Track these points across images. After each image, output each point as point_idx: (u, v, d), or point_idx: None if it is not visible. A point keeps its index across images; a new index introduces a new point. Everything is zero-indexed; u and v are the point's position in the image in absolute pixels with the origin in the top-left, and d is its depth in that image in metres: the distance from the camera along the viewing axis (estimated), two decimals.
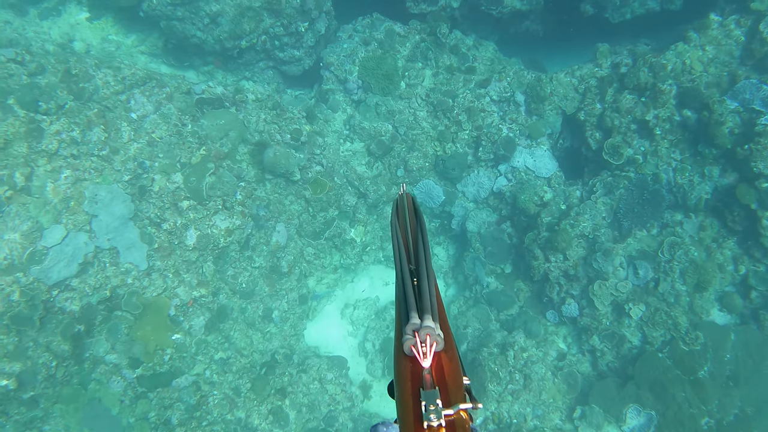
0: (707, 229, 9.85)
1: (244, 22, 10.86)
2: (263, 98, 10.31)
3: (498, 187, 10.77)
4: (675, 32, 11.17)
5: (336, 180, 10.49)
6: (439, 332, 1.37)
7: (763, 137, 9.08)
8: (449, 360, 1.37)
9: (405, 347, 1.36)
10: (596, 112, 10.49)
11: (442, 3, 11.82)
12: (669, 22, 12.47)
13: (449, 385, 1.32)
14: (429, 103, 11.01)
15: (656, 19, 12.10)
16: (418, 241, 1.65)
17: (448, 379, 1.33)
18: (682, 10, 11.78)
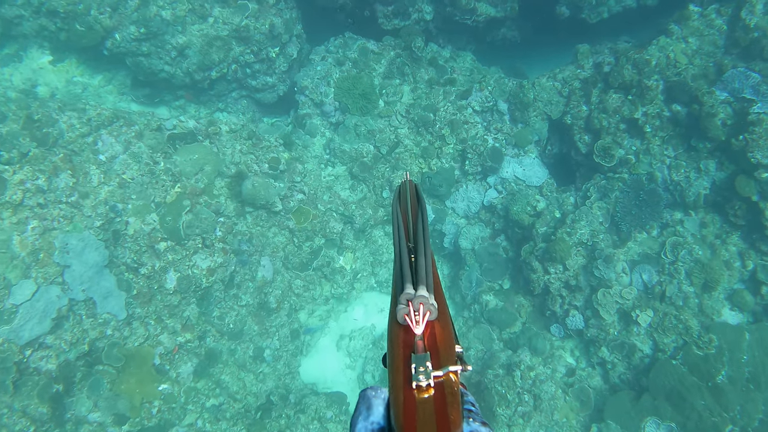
0: (709, 225, 9.54)
1: (213, 52, 10.60)
2: (237, 129, 9.98)
3: (489, 201, 10.45)
4: (654, 27, 11.00)
5: (320, 207, 10.15)
6: (433, 302, 1.41)
7: (757, 126, 8.81)
8: (442, 328, 1.41)
9: (399, 316, 1.40)
10: (583, 114, 10.22)
11: (415, 17, 11.61)
12: (647, 17, 12.34)
13: (440, 350, 1.34)
14: (410, 119, 10.72)
15: (634, 16, 11.97)
16: (418, 222, 1.71)
17: (440, 345, 1.36)
18: (659, 4, 11.66)
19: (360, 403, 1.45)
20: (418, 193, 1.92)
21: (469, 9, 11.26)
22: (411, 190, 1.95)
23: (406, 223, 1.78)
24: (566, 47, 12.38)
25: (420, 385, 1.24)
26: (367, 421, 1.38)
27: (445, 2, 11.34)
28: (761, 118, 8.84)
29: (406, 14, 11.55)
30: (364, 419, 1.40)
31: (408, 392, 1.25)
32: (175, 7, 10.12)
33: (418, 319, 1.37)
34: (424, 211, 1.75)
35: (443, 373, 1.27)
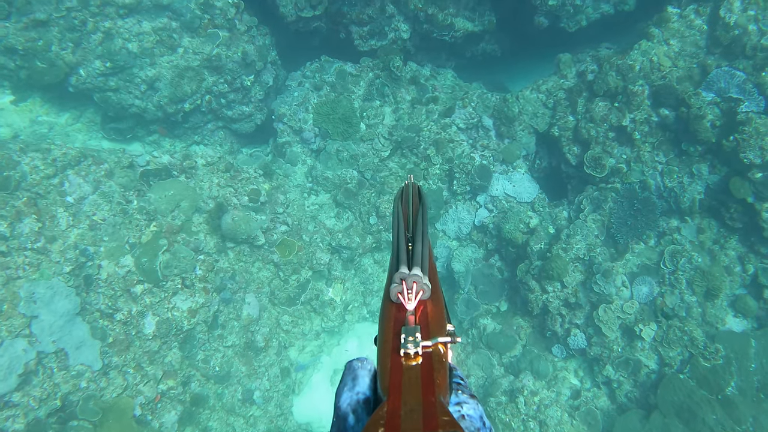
0: (706, 231, 9.27)
1: (184, 83, 10.27)
2: (214, 161, 9.62)
3: (480, 220, 10.12)
4: (634, 32, 10.84)
5: (305, 238, 9.76)
6: (426, 282, 1.46)
7: (747, 125, 8.59)
8: (434, 306, 1.46)
9: (392, 294, 1.45)
10: (570, 125, 9.96)
11: (391, 36, 11.38)
12: (626, 22, 12.22)
13: (431, 324, 1.38)
14: (393, 141, 10.41)
15: (613, 22, 11.84)
16: (418, 215, 1.77)
17: (431, 321, 1.40)
18: (636, 9, 11.54)
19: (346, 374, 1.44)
20: (420, 193, 1.97)
21: (447, 25, 11.05)
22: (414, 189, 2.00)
23: (407, 216, 1.82)
24: (547, 58, 12.19)
25: (408, 353, 1.26)
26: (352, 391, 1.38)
27: (421, 20, 11.12)
28: (750, 117, 8.63)
29: (382, 34, 11.32)
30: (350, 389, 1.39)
31: (395, 358, 1.28)
32: (142, 39, 9.80)
33: (411, 297, 1.42)
34: (425, 207, 1.81)
35: (432, 343, 1.30)
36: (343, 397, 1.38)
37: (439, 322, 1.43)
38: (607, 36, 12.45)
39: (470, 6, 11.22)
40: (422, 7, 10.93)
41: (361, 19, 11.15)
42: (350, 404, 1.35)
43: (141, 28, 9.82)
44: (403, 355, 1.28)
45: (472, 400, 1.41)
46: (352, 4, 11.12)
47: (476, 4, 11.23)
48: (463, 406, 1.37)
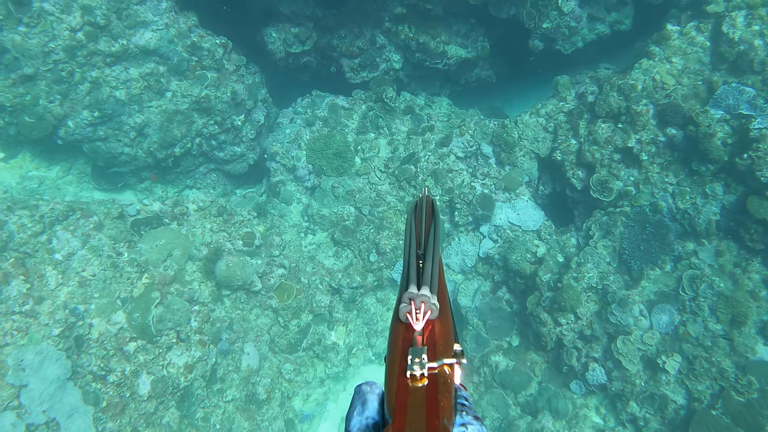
0: (725, 253, 8.84)
1: (174, 127, 10.02)
2: (206, 206, 9.31)
3: (485, 252, 9.74)
4: (632, 51, 10.60)
5: (303, 280, 9.39)
6: (434, 302, 1.50)
7: (761, 142, 8.24)
8: (441, 325, 1.51)
9: (401, 314, 1.50)
10: (572, 148, 9.63)
11: (383, 67, 11.14)
12: (622, 42, 11.99)
13: (438, 345, 1.42)
14: (390, 174, 10.09)
15: (609, 43, 11.62)
16: (430, 232, 1.80)
17: (438, 341, 1.44)
18: (633, 29, 11.31)
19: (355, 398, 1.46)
20: (434, 207, 1.99)
21: (439, 53, 10.80)
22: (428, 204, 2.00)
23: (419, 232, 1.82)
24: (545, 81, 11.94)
25: (414, 375, 1.29)
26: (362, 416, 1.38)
27: (413, 49, 10.89)
28: (764, 133, 8.28)
29: (373, 65, 11.09)
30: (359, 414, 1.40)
31: (402, 380, 1.30)
32: (130, 86, 9.58)
33: (419, 317, 1.45)
34: (437, 223, 1.83)
35: (438, 365, 1.33)
36: (353, 422, 1.39)
37: (446, 342, 1.45)
38: (604, 57, 12.20)
39: (462, 32, 10.99)
40: (413, 36, 10.71)
41: (351, 51, 10.93)
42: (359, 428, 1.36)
43: (128, 75, 9.61)
44: (409, 376, 1.29)
45: (477, 422, 1.42)
46: (342, 36, 10.91)
47: (469, 30, 11.01)
48: (468, 427, 1.39)
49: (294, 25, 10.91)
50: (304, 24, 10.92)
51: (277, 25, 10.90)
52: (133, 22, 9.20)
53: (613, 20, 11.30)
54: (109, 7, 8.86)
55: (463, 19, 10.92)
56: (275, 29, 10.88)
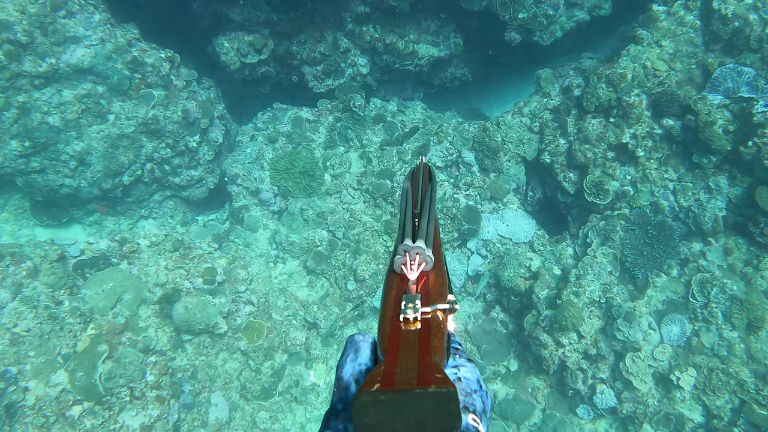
0: (734, 251, 8.11)
1: (120, 154, 9.05)
2: (160, 240, 8.35)
3: (474, 269, 8.88)
4: (616, 37, 9.92)
5: (275, 317, 8.45)
6: (429, 254, 1.48)
7: (766, 127, 7.52)
8: (436, 277, 1.48)
9: (395, 265, 1.48)
10: (562, 149, 8.83)
11: (349, 72, 10.27)
12: (604, 28, 11.33)
13: (431, 293, 1.41)
14: (364, 191, 9.19)
15: (589, 30, 10.95)
16: (426, 194, 1.80)
17: (432, 289, 1.43)
18: (613, 13, 10.57)
19: (348, 346, 1.49)
20: (431, 173, 1.99)
21: (409, 53, 9.95)
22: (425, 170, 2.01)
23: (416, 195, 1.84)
24: (524, 76, 11.22)
25: (407, 318, 1.30)
26: (354, 362, 1.42)
27: (380, 51, 10.02)
28: None
29: (338, 72, 10.20)
30: (352, 361, 1.43)
31: (395, 323, 1.31)
32: (65, 111, 8.59)
33: (413, 267, 1.45)
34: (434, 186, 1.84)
35: (431, 309, 1.33)
36: (345, 369, 1.42)
37: (440, 291, 1.44)
38: (586, 45, 11.49)
39: (432, 30, 10.15)
40: (379, 37, 9.84)
41: (313, 57, 10.04)
42: (353, 374, 1.38)
43: (62, 98, 8.62)
44: (402, 320, 1.31)
45: (470, 364, 1.48)
46: (301, 42, 10.02)
47: (439, 27, 10.17)
48: (460, 369, 1.45)
49: (247, 32, 9.99)
50: (258, 31, 10.01)
51: (229, 33, 9.98)
52: (62, 38, 8.22)
53: (592, 5, 10.57)
54: (31, 22, 7.87)
55: (432, 14, 10.09)
56: (227, 38, 9.95)
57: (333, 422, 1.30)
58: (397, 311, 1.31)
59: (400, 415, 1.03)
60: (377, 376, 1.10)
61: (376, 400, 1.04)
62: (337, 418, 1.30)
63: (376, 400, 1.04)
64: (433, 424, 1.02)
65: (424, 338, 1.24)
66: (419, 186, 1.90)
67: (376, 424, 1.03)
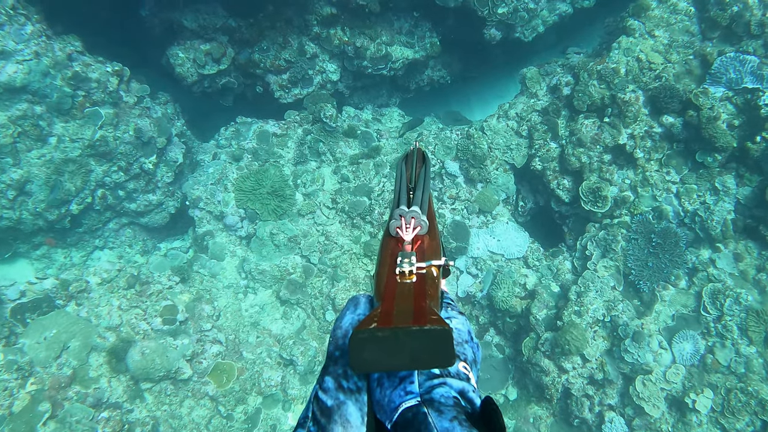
0: (745, 257, 7.47)
1: (66, 180, 8.15)
2: (112, 277, 7.47)
3: (464, 290, 8.10)
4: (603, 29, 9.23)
5: (246, 355, 7.60)
6: (423, 218, 1.56)
7: None
8: (431, 240, 1.55)
9: (391, 229, 1.56)
10: (554, 153, 8.12)
11: (318, 80, 9.47)
12: (588, 20, 10.68)
13: (426, 252, 1.49)
14: (339, 210, 8.38)
15: (573, 23, 10.37)
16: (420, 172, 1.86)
17: (427, 250, 1.51)
18: (597, 4, 9.93)
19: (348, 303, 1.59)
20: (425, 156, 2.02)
21: (381, 57, 9.16)
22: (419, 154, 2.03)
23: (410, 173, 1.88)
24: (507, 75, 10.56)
25: (403, 271, 1.35)
26: (354, 314, 1.50)
27: (350, 55, 9.23)
28: None
29: (306, 79, 9.38)
30: (351, 313, 1.52)
31: (391, 276, 1.36)
32: None
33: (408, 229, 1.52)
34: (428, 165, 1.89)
35: (426, 265, 1.38)
36: (345, 320, 1.49)
37: (434, 252, 1.50)
38: (569, 39, 10.84)
39: (406, 30, 9.38)
40: (349, 40, 9.05)
41: (277, 65, 9.21)
42: (351, 323, 1.46)
43: None
44: (398, 273, 1.34)
45: (461, 317, 1.59)
46: (264, 49, 9.20)
47: (413, 26, 9.41)
48: (452, 320, 1.55)
49: (204, 41, 9.15)
50: (215, 39, 9.17)
51: (184, 42, 9.12)
52: None
53: None
54: None
55: (404, 13, 9.32)
56: (182, 48, 9.09)
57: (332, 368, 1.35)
58: (394, 267, 1.36)
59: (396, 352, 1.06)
60: (374, 317, 1.14)
61: (373, 337, 1.07)
62: (336, 363, 1.35)
63: (373, 337, 1.07)
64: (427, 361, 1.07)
65: (419, 287, 1.31)
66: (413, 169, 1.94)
67: (372, 361, 1.07)
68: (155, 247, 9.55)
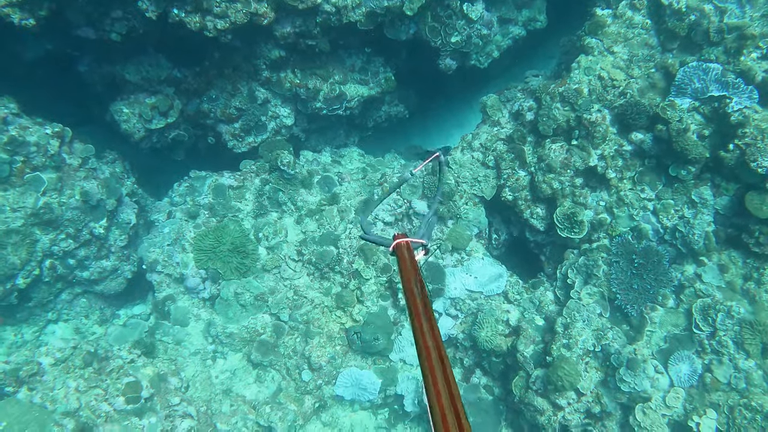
0: (730, 267, 7.24)
1: (9, 254, 7.60)
2: (67, 356, 6.88)
3: (445, 333, 7.70)
4: (559, 49, 9.10)
5: (221, 427, 7.05)
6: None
7: (745, 126, 6.79)
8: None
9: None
10: (523, 182, 7.85)
11: (272, 126, 9.12)
12: (543, 42, 10.54)
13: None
14: (306, 262, 7.94)
15: (527, 45, 10.15)
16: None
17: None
18: (549, 26, 9.84)
19: None
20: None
21: (336, 97, 8.85)
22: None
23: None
24: (465, 104, 10.33)
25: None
26: None
27: (303, 98, 8.89)
28: (746, 114, 6.82)
29: (260, 126, 9.02)
30: None
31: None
32: None
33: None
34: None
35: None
36: None
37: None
38: (526, 62, 10.71)
39: (359, 67, 9.11)
40: (301, 83, 8.72)
41: (228, 114, 8.84)
42: None
43: None
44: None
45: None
46: (213, 99, 8.82)
47: (365, 62, 9.14)
48: None
49: (149, 94, 8.74)
50: (161, 91, 8.77)
51: (128, 97, 8.70)
52: None
53: (526, 19, 9.82)
54: None
55: (356, 50, 9.05)
56: (125, 103, 8.66)
57: None
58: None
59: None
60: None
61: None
62: None
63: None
64: None
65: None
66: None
67: None
68: (114, 315, 8.98)
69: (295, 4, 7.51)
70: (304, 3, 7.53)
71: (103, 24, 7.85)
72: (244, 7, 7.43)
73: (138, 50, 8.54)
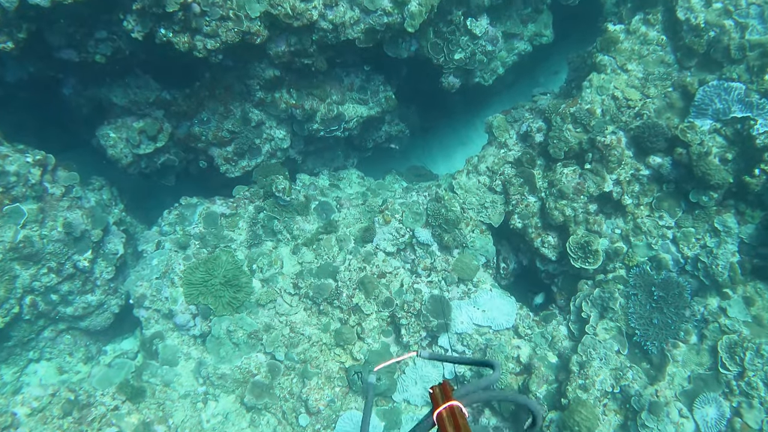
0: (756, 300, 6.74)
1: None
2: (44, 404, 6.38)
3: (451, 371, 7.16)
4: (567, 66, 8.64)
5: None
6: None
7: None
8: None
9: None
10: (533, 208, 7.37)
11: (267, 149, 8.66)
12: (548, 57, 10.08)
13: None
14: (303, 296, 7.43)
15: (533, 62, 9.72)
16: None
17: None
18: (555, 41, 9.40)
19: None
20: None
21: (333, 117, 8.39)
22: None
23: None
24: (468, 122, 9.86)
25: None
26: None
27: (299, 118, 8.42)
28: None
29: (254, 150, 8.55)
30: None
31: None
32: None
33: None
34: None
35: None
36: None
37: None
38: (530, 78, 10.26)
39: (358, 86, 8.65)
40: (296, 103, 8.26)
41: (220, 137, 8.37)
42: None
43: None
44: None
45: None
46: (204, 121, 8.36)
47: (365, 81, 8.68)
48: None
49: (137, 117, 8.29)
50: (150, 114, 8.32)
51: (114, 121, 8.25)
52: None
53: (532, 34, 9.39)
54: None
55: (354, 68, 8.60)
56: (112, 127, 8.21)
57: None
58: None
59: None
60: None
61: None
62: None
63: None
64: None
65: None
66: None
67: None
68: (101, 351, 8.49)
69: (290, 22, 7.06)
70: (300, 20, 7.08)
71: (87, 45, 7.40)
72: (235, 26, 6.98)
73: (125, 72, 8.10)
